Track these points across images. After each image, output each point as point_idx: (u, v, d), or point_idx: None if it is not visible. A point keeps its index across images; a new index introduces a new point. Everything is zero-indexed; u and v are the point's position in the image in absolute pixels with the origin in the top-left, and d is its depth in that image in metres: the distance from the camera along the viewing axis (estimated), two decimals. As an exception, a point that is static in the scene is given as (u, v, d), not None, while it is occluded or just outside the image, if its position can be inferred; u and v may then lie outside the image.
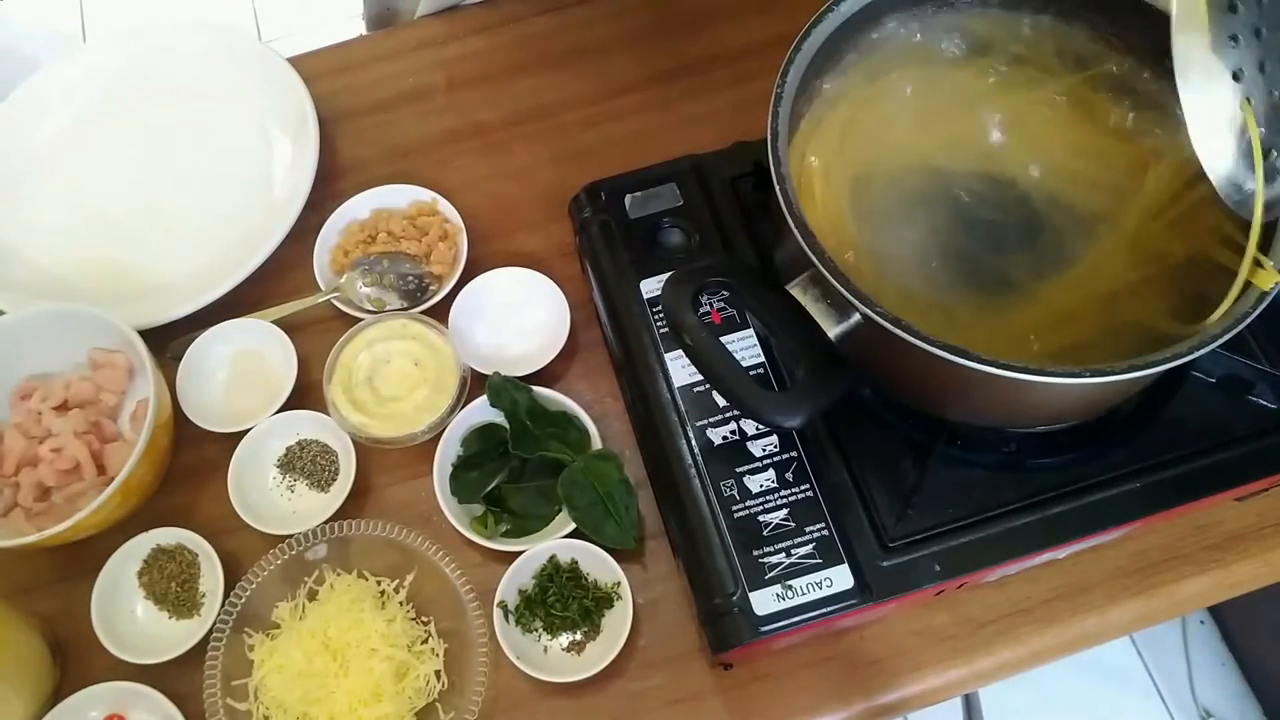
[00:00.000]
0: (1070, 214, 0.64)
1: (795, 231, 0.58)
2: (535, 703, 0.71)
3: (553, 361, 0.80)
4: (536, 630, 0.72)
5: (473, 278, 0.83)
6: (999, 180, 0.65)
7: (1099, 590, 0.72)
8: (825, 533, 0.65)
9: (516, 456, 0.75)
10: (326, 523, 0.75)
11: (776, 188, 0.59)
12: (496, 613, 0.71)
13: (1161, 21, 0.55)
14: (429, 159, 0.92)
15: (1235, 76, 0.55)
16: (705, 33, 0.97)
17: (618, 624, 0.71)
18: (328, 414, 0.78)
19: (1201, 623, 1.56)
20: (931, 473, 0.65)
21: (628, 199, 0.77)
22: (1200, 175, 0.57)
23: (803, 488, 0.66)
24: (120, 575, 0.75)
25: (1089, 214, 0.63)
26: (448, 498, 0.75)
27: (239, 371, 0.83)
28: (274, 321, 0.82)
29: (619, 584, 0.72)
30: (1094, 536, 0.67)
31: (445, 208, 0.87)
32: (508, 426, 0.76)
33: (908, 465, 0.66)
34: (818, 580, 0.63)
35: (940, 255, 0.63)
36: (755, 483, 0.67)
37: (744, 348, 0.71)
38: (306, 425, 0.79)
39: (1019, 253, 0.63)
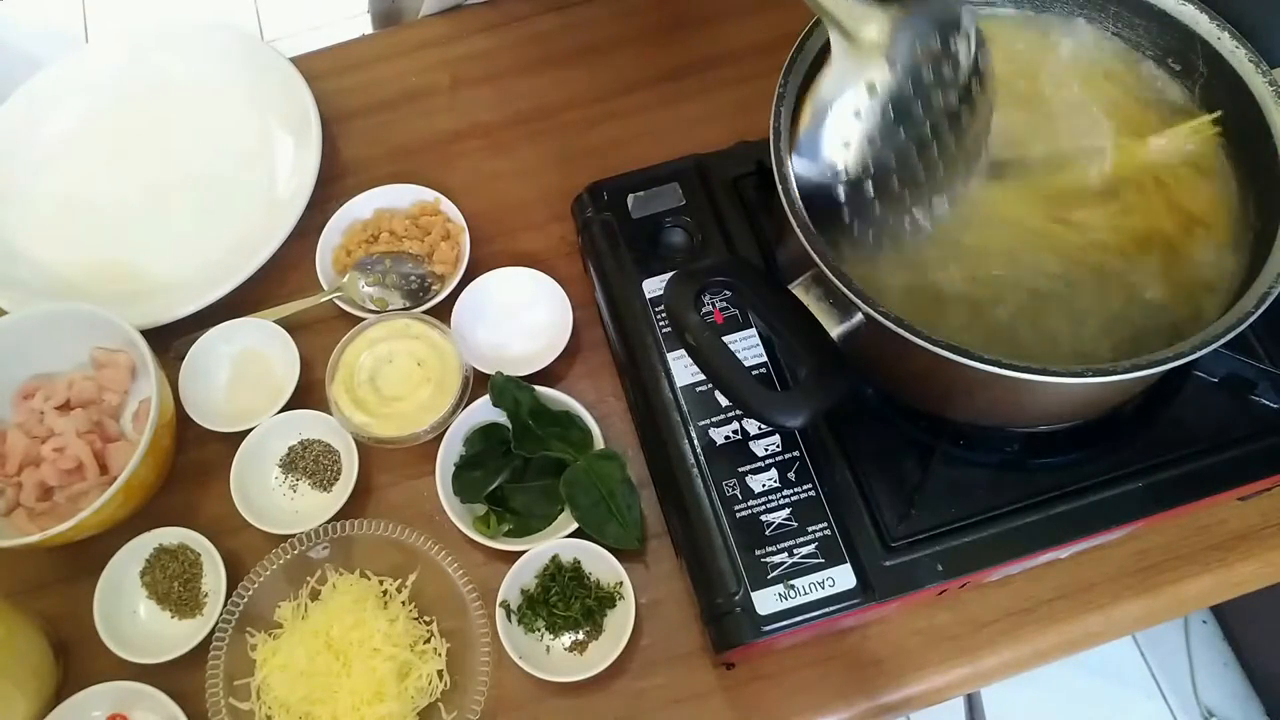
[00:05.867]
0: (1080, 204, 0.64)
1: (798, 231, 0.58)
2: (537, 702, 0.71)
3: (555, 361, 0.80)
4: (539, 630, 0.72)
5: (475, 277, 0.83)
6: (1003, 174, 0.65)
7: (1101, 589, 0.72)
8: (828, 532, 0.65)
9: (519, 456, 0.75)
10: (329, 522, 0.75)
11: (779, 187, 0.59)
12: (499, 612, 0.71)
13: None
14: (432, 158, 0.92)
15: None
16: (708, 32, 0.97)
17: (620, 623, 0.71)
18: (330, 414, 0.78)
19: (1204, 622, 1.56)
20: (934, 472, 0.65)
21: (630, 199, 0.77)
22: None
23: (805, 487, 0.66)
24: (123, 575, 0.75)
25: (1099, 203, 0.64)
26: (450, 497, 0.75)
27: (241, 371, 0.83)
28: (276, 321, 0.82)
29: (621, 584, 0.72)
30: (1097, 536, 0.67)
31: (448, 207, 0.87)
32: (510, 426, 0.76)
33: (910, 465, 0.66)
34: (820, 580, 0.63)
35: (943, 251, 0.63)
36: (758, 482, 0.67)
37: (746, 347, 0.71)
38: (309, 425, 0.79)
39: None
